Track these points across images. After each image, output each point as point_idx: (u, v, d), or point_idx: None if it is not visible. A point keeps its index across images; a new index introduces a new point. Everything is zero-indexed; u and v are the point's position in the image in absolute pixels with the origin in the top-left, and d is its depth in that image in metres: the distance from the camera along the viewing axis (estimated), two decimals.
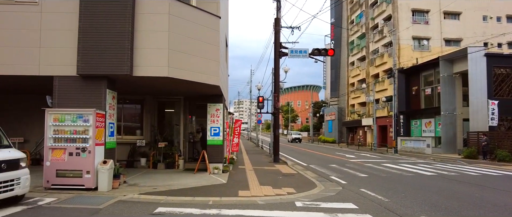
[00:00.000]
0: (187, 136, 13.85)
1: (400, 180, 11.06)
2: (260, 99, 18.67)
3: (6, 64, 8.87)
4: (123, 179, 9.03)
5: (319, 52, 17.18)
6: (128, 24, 8.64)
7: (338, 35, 51.83)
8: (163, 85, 10.45)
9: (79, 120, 8.16)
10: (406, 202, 7.56)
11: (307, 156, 22.85)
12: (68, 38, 8.78)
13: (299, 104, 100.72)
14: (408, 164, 16.61)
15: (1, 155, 6.19)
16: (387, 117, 34.72)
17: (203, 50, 9.82)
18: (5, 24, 8.91)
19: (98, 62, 8.60)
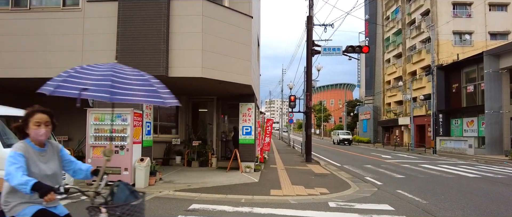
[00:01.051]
0: (220, 135, 14.07)
1: (439, 182, 10.56)
2: (292, 98, 18.55)
3: (52, 68, 9.47)
4: (159, 176, 9.34)
5: (353, 49, 16.80)
6: (164, 26, 8.93)
7: (373, 31, 50.36)
8: (197, 85, 10.68)
9: (118, 119, 8.54)
10: (446, 204, 7.20)
11: (341, 156, 22.42)
12: (107, 41, 9.23)
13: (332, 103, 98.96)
14: (448, 165, 15.82)
15: None
16: (425, 116, 33.25)
17: (235, 50, 9.92)
18: (53, 30, 9.53)
19: (135, 63, 8.93)
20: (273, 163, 15.76)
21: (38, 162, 2.44)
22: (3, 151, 5.86)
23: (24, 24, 9.67)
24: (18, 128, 2.45)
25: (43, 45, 9.51)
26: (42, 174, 2.43)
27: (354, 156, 22.06)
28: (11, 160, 2.28)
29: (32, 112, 2.46)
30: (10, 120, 6.68)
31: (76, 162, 2.80)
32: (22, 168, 2.26)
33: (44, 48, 9.51)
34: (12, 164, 2.26)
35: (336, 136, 45.42)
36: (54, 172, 2.56)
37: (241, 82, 10.03)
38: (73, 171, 2.79)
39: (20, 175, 2.19)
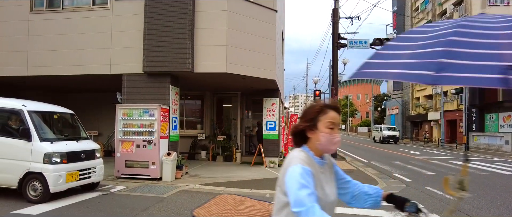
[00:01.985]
0: (244, 130, 14.13)
1: (472, 180, 10.11)
2: (317, 93, 18.33)
3: (82, 65, 9.85)
4: (185, 170, 9.52)
5: (381, 42, 16.30)
6: (189, 22, 9.03)
7: (401, 23, 48.73)
8: (221, 80, 10.76)
9: (146, 115, 8.75)
10: (480, 203, 6.89)
11: (368, 152, 21.96)
12: (134, 38, 9.45)
13: (358, 97, 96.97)
14: (481, 162, 15.12)
15: (81, 146, 6.82)
16: (457, 110, 31.89)
17: (260, 45, 9.89)
18: (83, 28, 9.88)
19: (161, 60, 9.13)
20: None
21: (323, 183, 1.61)
22: (39, 145, 6.08)
23: (57, 24, 10.08)
24: (297, 129, 1.68)
25: (74, 43, 9.89)
26: (328, 201, 1.61)
27: (381, 152, 21.55)
28: (300, 181, 1.41)
29: (322, 108, 1.63)
30: (46, 115, 6.89)
31: (355, 183, 1.94)
32: (314, 195, 1.41)
33: (75, 46, 9.88)
34: (303, 188, 1.40)
35: (379, 132, 35.48)
36: (335, 197, 1.74)
37: (265, 77, 10.00)
38: (351, 195, 1.92)
39: (318, 211, 1.34)
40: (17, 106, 6.41)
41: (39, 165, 6.01)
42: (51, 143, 6.22)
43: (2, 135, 6.30)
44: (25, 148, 6.07)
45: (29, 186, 6.10)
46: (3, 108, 6.50)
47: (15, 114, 6.36)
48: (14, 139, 6.20)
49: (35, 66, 10.13)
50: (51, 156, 6.05)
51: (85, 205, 6.06)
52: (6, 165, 6.14)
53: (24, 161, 6.07)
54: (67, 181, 6.22)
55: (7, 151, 6.18)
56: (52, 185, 5.96)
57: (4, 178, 6.19)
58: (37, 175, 6.01)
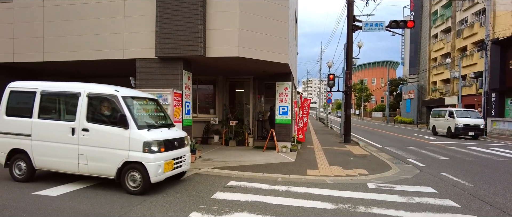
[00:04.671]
0: (256, 115, 14.14)
1: (489, 165, 9.91)
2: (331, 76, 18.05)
3: (96, 50, 9.95)
4: (198, 154, 9.64)
5: (397, 24, 15.88)
6: (201, 5, 8.96)
7: (419, 5, 47.22)
8: (234, 65, 10.71)
9: (159, 99, 8.81)
10: (497, 189, 6.76)
11: (382, 137, 21.73)
12: (147, 23, 9.46)
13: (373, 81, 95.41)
14: (500, 148, 14.77)
15: (173, 133, 6.34)
16: (475, 95, 31.05)
17: (272, 28, 9.76)
18: (95, 13, 9.93)
19: (174, 44, 9.14)
20: (310, 143, 15.65)
21: None
22: (138, 133, 5.68)
23: (71, 9, 10.15)
24: None
25: (88, 29, 9.97)
26: None
27: (395, 137, 21.29)
28: None
29: None
30: (136, 101, 6.45)
31: None
32: None
33: (89, 31, 9.97)
34: None
35: (446, 120, 21.68)
36: None
37: (278, 61, 9.90)
38: None
39: None
40: (111, 92, 6.03)
41: (139, 154, 5.60)
42: (148, 130, 5.80)
43: (97, 123, 5.94)
44: (123, 136, 5.66)
45: (128, 177, 5.73)
46: (97, 93, 6.08)
47: (108, 100, 5.99)
48: (110, 126, 5.80)
49: (51, 52, 10.31)
50: (151, 144, 5.62)
51: (102, 187, 6.22)
52: (104, 154, 5.79)
53: (122, 150, 5.67)
54: (164, 171, 5.84)
55: (103, 139, 5.82)
56: (153, 175, 5.59)
57: (102, 168, 5.86)
58: (135, 165, 5.63)
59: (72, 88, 6.32)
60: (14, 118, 6.57)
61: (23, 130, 6.40)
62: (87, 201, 5.29)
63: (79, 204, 5.15)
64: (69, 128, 6.06)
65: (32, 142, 6.33)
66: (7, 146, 6.55)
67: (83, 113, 6.02)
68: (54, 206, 5.04)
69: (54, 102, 6.47)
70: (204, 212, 4.88)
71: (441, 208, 5.34)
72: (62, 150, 6.07)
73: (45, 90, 6.46)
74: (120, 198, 5.50)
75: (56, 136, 6.16)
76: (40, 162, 6.32)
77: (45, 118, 6.35)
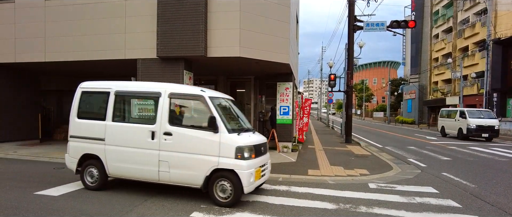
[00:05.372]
0: (257, 115, 14.14)
1: (490, 165, 9.90)
2: (332, 76, 18.05)
3: (97, 50, 9.97)
4: None
5: (398, 24, 15.86)
6: (202, 6, 8.96)
7: (420, 5, 47.16)
8: (235, 65, 10.72)
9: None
10: (498, 189, 6.75)
11: (383, 137, 21.71)
12: (148, 23, 9.47)
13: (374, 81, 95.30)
14: (501, 148, 14.74)
15: (258, 138, 5.74)
16: (477, 95, 31.00)
17: (274, 28, 9.76)
18: (97, 13, 9.95)
19: (175, 44, 9.15)
20: (311, 143, 15.64)
21: None
22: (229, 137, 5.12)
23: (73, 10, 10.17)
24: None
25: (89, 29, 9.99)
26: None
27: (396, 138, 21.27)
28: None
29: None
30: (221, 102, 5.80)
31: None
32: None
33: (90, 32, 9.99)
34: None
35: (458, 121, 20.02)
36: None
37: (279, 61, 9.90)
38: None
39: None
40: (196, 92, 5.50)
41: (231, 161, 5.03)
42: (238, 134, 5.26)
43: (181, 126, 5.39)
44: (212, 140, 5.09)
45: (216, 186, 5.15)
46: (180, 93, 5.54)
47: (194, 101, 5.54)
48: (196, 130, 5.25)
49: (52, 52, 10.33)
50: (243, 150, 5.07)
51: None
52: (189, 160, 5.21)
53: (211, 156, 5.10)
54: (255, 179, 5.24)
55: (189, 144, 5.24)
56: (246, 185, 5.00)
57: (187, 176, 5.25)
58: (225, 173, 5.06)
59: (151, 88, 5.81)
60: (86, 121, 6.07)
61: (96, 134, 5.86)
62: (89, 201, 5.30)
63: (80, 204, 5.16)
64: (148, 132, 5.48)
65: (105, 147, 5.78)
66: (79, 151, 6.02)
67: (164, 115, 5.44)
68: (56, 206, 5.05)
69: (130, 103, 5.99)
70: (206, 212, 4.89)
71: (443, 208, 5.34)
72: (140, 156, 5.50)
73: (120, 91, 5.93)
74: (121, 198, 5.51)
75: (133, 140, 5.59)
76: (114, 169, 5.76)
77: (120, 120, 5.85)
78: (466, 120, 19.18)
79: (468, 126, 18.86)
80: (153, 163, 5.42)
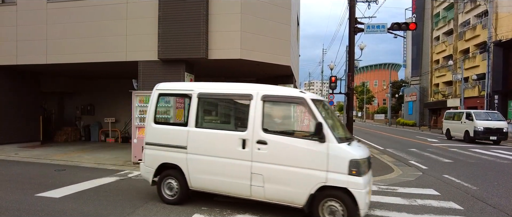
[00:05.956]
0: None
1: (492, 167, 9.87)
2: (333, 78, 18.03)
3: (99, 52, 10.00)
4: None
5: (399, 26, 15.81)
6: (203, 8, 8.99)
7: (421, 7, 47.20)
8: (235, 67, 10.74)
9: (161, 101, 8.83)
10: (500, 191, 6.73)
11: (384, 139, 21.69)
12: (149, 25, 9.50)
13: (375, 84, 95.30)
14: (503, 150, 14.71)
15: (364, 149, 4.81)
16: (478, 97, 30.95)
17: (274, 30, 9.78)
18: (98, 16, 9.99)
19: (176, 47, 9.17)
20: None
21: None
22: (339, 148, 4.31)
23: (74, 12, 10.21)
24: None
25: (91, 31, 10.03)
26: None
27: (397, 139, 21.24)
28: None
29: None
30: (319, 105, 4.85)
31: None
32: None
33: (92, 34, 10.03)
34: None
35: (464, 123, 19.28)
36: None
37: (279, 63, 9.92)
38: None
39: None
40: (296, 94, 4.74)
41: (343, 177, 4.22)
42: (348, 144, 4.46)
43: (277, 134, 4.68)
44: (318, 151, 4.33)
45: (323, 208, 4.35)
46: (276, 96, 4.82)
47: (293, 105, 4.90)
48: (298, 139, 4.58)
49: (54, 54, 10.36)
50: (359, 164, 4.23)
51: (104, 189, 6.24)
52: (289, 175, 4.47)
53: (317, 170, 4.33)
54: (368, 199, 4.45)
55: (289, 155, 4.51)
56: (362, 207, 4.19)
57: (286, 193, 4.51)
58: (335, 192, 4.27)
59: (240, 89, 5.11)
60: (164, 126, 5.57)
61: (177, 141, 5.21)
62: (90, 203, 5.30)
63: (81, 206, 5.16)
64: (238, 139, 4.77)
65: (187, 156, 5.12)
66: (156, 160, 5.39)
67: (257, 121, 4.71)
68: (57, 207, 5.05)
69: (216, 107, 5.51)
70: (207, 213, 4.88)
71: (444, 210, 5.32)
72: (229, 167, 4.83)
73: (204, 93, 5.26)
74: (122, 200, 5.51)
75: (220, 149, 4.91)
76: (197, 181, 5.11)
77: (204, 126, 5.20)
78: (473, 122, 18.38)
79: (475, 129, 18.10)
80: (244, 176, 4.72)
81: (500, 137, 17.87)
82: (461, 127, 19.71)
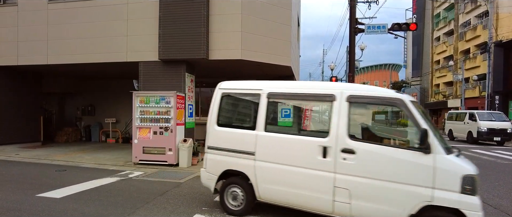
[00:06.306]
0: None
1: (493, 168, 9.86)
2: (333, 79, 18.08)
3: (100, 53, 10.01)
4: (201, 156, 9.62)
5: (400, 27, 15.82)
6: (204, 8, 8.99)
7: (421, 8, 47.21)
8: (236, 67, 10.74)
9: (162, 102, 8.85)
10: (501, 192, 6.72)
11: None
12: (150, 26, 9.50)
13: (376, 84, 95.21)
14: (504, 151, 14.69)
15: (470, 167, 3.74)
16: (479, 97, 30.92)
17: (275, 31, 9.78)
18: (99, 16, 10.00)
19: (177, 47, 9.17)
20: None
21: None
22: (448, 160, 3.69)
23: (75, 12, 10.21)
24: None
25: (92, 32, 10.03)
26: None
27: None
28: None
29: None
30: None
31: None
32: None
33: (93, 34, 10.03)
34: None
35: (467, 124, 18.97)
36: None
37: (280, 63, 9.92)
38: None
39: None
40: (391, 95, 4.13)
41: (454, 196, 3.56)
42: (456, 156, 3.85)
43: (367, 141, 4.15)
44: (422, 164, 3.71)
45: None
46: (364, 96, 4.18)
47: (390, 106, 4.26)
48: (397, 148, 3.95)
49: (55, 55, 10.36)
50: (474, 180, 3.59)
51: (105, 189, 6.24)
52: (385, 191, 3.85)
53: (420, 186, 3.69)
54: None
55: (386, 167, 3.89)
56: None
57: (380, 212, 3.88)
58: (442, 214, 3.62)
59: (320, 89, 4.56)
60: (228, 129, 5.06)
61: (243, 146, 4.74)
62: (91, 203, 5.30)
63: (82, 206, 5.16)
64: (317, 147, 4.19)
65: (256, 163, 4.62)
66: (219, 166, 4.98)
67: (342, 126, 4.11)
68: (57, 208, 5.05)
69: (290, 109, 4.92)
70: (208, 214, 4.88)
71: None
72: (306, 178, 4.27)
73: (275, 92, 4.77)
74: (123, 201, 5.51)
75: (294, 157, 4.38)
76: (267, 192, 4.59)
77: (275, 130, 4.78)
78: (476, 123, 17.98)
79: (479, 129, 17.71)
80: (325, 190, 4.12)
81: (504, 138, 17.59)
82: (464, 128, 19.34)
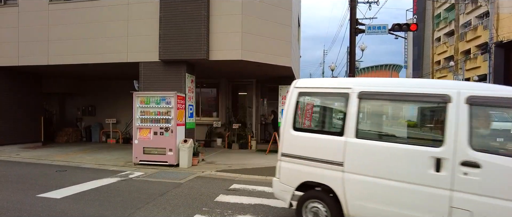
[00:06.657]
0: (259, 118, 14.15)
1: None
2: None
3: (100, 53, 10.02)
4: (201, 157, 9.64)
5: (400, 27, 15.81)
6: (204, 9, 9.00)
7: (422, 8, 47.19)
8: (237, 68, 10.74)
9: (162, 102, 8.86)
10: None
11: None
12: (150, 26, 9.52)
13: None
14: None
15: None
16: None
17: (275, 31, 9.78)
18: (99, 17, 10.02)
19: (177, 48, 9.18)
20: None
21: None
22: None
23: (76, 13, 10.23)
24: None
25: (92, 32, 10.04)
26: None
27: None
28: None
29: None
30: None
31: None
32: None
33: (93, 35, 10.04)
34: None
35: None
36: None
37: (281, 64, 9.92)
38: None
39: None
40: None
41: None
42: None
43: (494, 153, 3.28)
44: None
45: None
46: (488, 97, 3.40)
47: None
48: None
49: (56, 55, 10.38)
50: None
51: (105, 189, 6.24)
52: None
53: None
54: None
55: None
56: None
57: None
58: None
59: (429, 87, 3.71)
60: (308, 134, 4.35)
61: (327, 154, 4.01)
62: (91, 204, 5.31)
63: (82, 206, 5.17)
64: (427, 158, 3.45)
65: (344, 175, 3.88)
66: (297, 177, 4.26)
67: (462, 133, 3.36)
68: (58, 208, 5.06)
69: (386, 110, 4.40)
70: (208, 214, 4.88)
71: None
72: (412, 196, 3.51)
73: (368, 91, 3.93)
74: (123, 201, 5.51)
75: (396, 170, 3.63)
76: (359, 211, 3.82)
77: (370, 137, 3.96)
78: None
79: None
80: (439, 210, 3.38)
81: None
82: None
